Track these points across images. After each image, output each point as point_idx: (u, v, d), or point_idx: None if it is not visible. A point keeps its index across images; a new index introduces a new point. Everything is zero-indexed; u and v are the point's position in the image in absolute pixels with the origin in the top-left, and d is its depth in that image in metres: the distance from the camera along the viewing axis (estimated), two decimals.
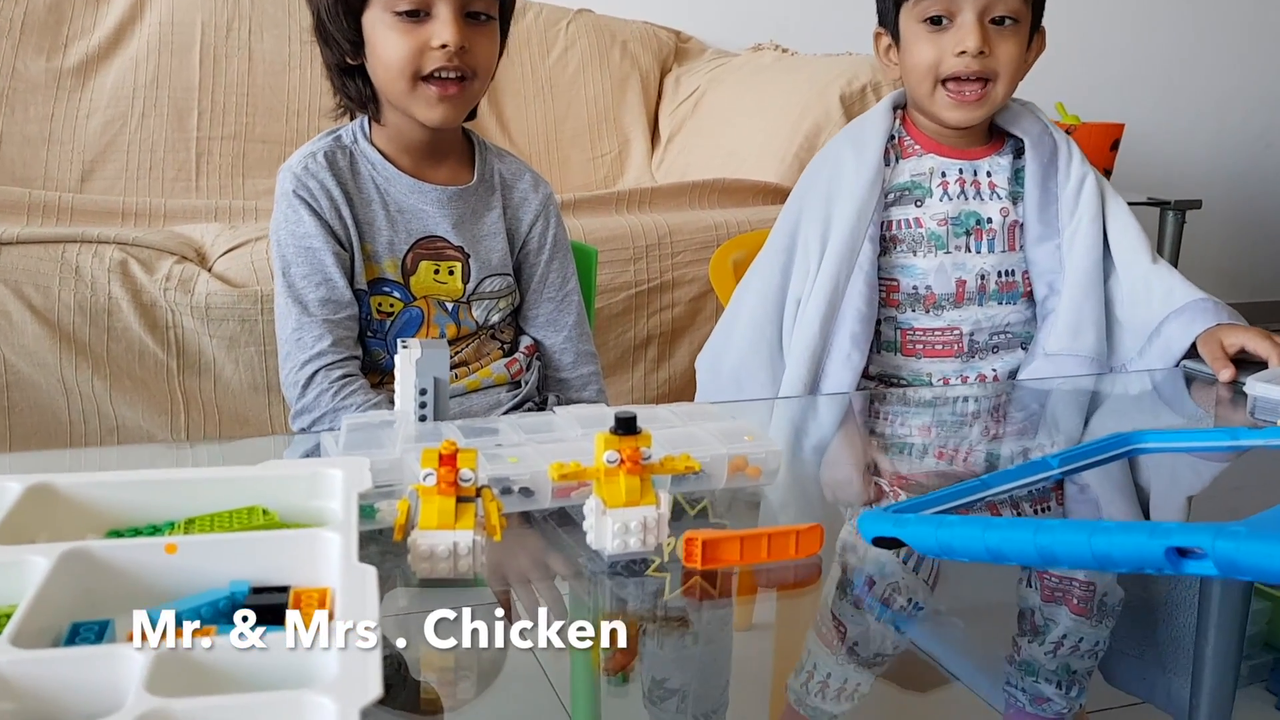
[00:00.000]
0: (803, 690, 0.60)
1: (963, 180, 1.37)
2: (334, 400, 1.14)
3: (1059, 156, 1.38)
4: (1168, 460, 0.96)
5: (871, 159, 1.36)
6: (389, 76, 1.15)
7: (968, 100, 1.31)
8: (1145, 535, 0.61)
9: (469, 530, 0.69)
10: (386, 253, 1.20)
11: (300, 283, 1.17)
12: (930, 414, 1.18)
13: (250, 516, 0.71)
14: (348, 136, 1.23)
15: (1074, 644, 0.67)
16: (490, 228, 1.26)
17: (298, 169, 1.18)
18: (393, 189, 1.21)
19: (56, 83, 2.25)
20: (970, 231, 1.36)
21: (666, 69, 2.83)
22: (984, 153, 1.39)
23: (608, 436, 0.74)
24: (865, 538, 0.76)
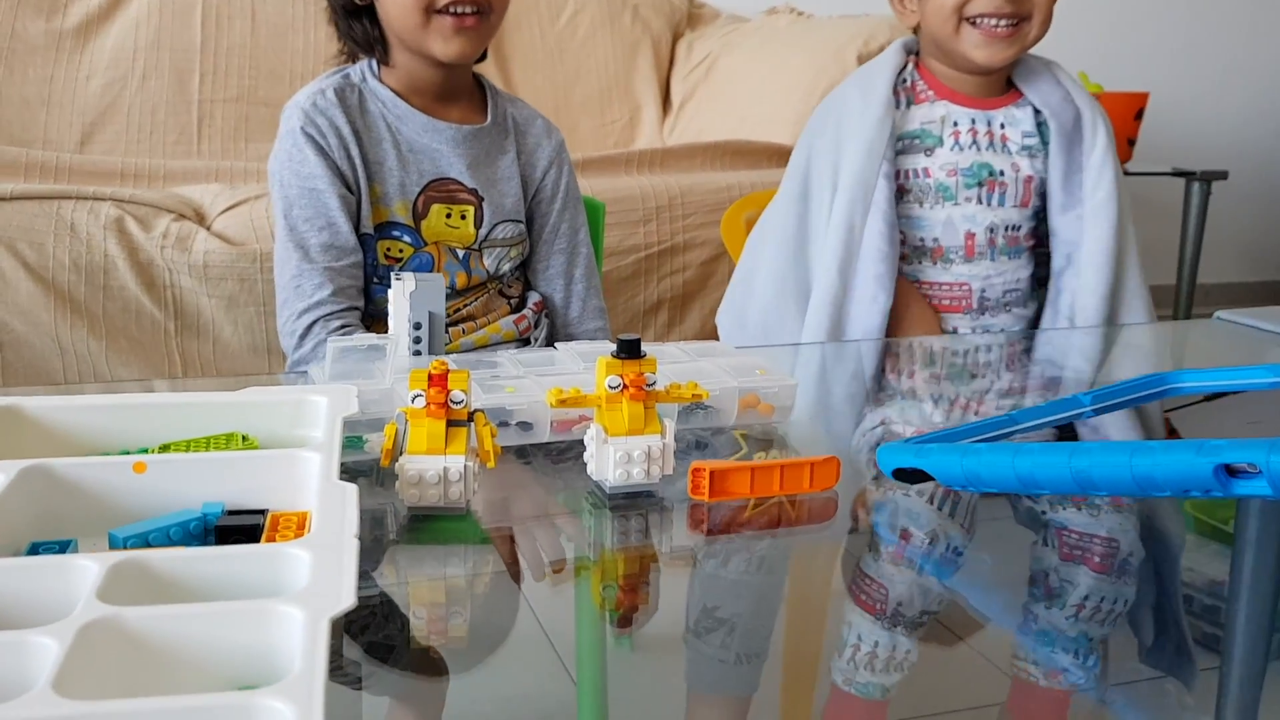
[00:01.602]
0: (850, 667, 0.54)
1: (975, 130, 1.32)
2: (327, 346, 1.09)
3: (1083, 123, 1.31)
4: (1205, 408, 0.91)
5: (879, 96, 1.32)
6: (401, 12, 1.10)
7: (999, 36, 1.25)
8: (1192, 453, 0.56)
9: (460, 456, 0.64)
10: (397, 194, 1.15)
11: (302, 226, 1.12)
12: (957, 361, 1.13)
13: (229, 443, 0.67)
14: (356, 75, 1.19)
15: (1095, 605, 0.62)
16: (505, 171, 1.22)
17: (305, 105, 1.14)
18: (405, 127, 1.17)
19: (56, 44, 2.21)
20: (982, 183, 1.31)
21: (679, 35, 2.77)
22: (1000, 103, 1.34)
23: (610, 361, 0.69)
24: (885, 471, 0.71)
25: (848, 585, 0.63)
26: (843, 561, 0.67)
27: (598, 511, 0.68)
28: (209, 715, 0.37)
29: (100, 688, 0.41)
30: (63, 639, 0.41)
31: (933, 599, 0.62)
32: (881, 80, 1.34)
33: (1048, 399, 0.98)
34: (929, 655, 0.56)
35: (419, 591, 0.60)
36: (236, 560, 0.49)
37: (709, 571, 0.62)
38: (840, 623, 0.58)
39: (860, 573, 0.64)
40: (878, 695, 0.53)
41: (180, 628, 0.43)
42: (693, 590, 0.61)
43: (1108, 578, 0.65)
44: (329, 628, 0.42)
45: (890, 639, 0.57)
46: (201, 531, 0.57)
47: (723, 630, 0.56)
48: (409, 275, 0.88)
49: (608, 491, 0.69)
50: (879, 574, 0.64)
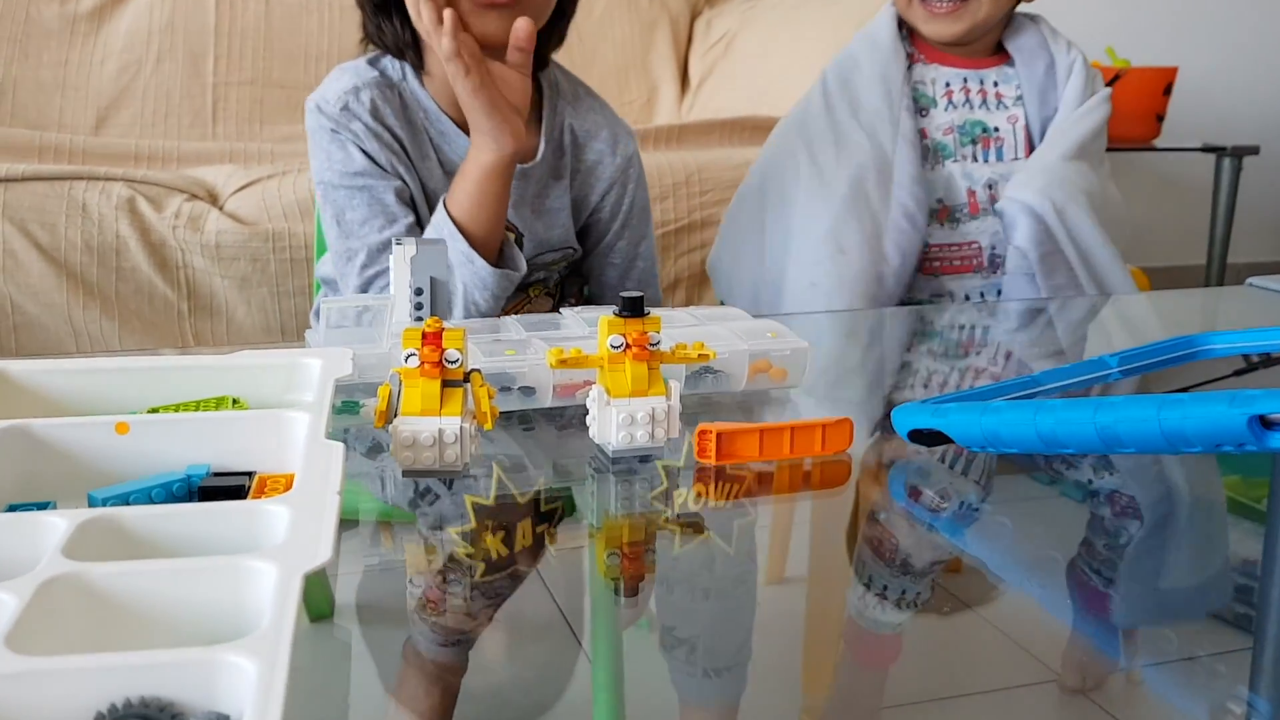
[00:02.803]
0: (861, 603, 0.54)
1: (968, 89, 1.33)
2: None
3: (1057, 69, 1.30)
4: (1238, 362, 0.87)
5: (886, 40, 1.31)
6: None
7: (939, 13, 1.27)
8: (1224, 404, 0.53)
9: (456, 417, 0.62)
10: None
11: (359, 229, 1.02)
12: (973, 327, 1.10)
13: (219, 406, 0.65)
14: (395, 73, 1.07)
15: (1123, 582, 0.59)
16: (554, 203, 1.12)
17: (336, 107, 1.03)
18: (448, 148, 1.06)
19: (70, 28, 2.20)
20: (976, 140, 1.31)
21: (697, 12, 2.73)
22: (990, 63, 1.34)
23: (612, 320, 0.67)
24: (901, 432, 0.68)
25: (861, 539, 0.60)
26: (859, 522, 0.64)
27: (600, 476, 0.66)
28: (168, 671, 0.35)
29: (61, 644, 0.39)
30: (21, 595, 0.39)
31: (947, 557, 0.59)
32: (885, 28, 1.33)
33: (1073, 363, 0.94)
34: (940, 600, 0.53)
35: (413, 557, 0.58)
36: (212, 517, 0.47)
37: (717, 537, 0.60)
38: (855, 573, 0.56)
39: (872, 526, 0.61)
40: (889, 630, 0.52)
41: (148, 584, 0.41)
42: (700, 557, 0.58)
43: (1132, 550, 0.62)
44: (301, 583, 0.40)
45: (900, 584, 0.55)
46: (185, 493, 0.55)
47: (733, 601, 0.54)
48: (410, 240, 0.85)
49: (610, 455, 0.66)
50: (891, 529, 0.61)
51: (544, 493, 0.64)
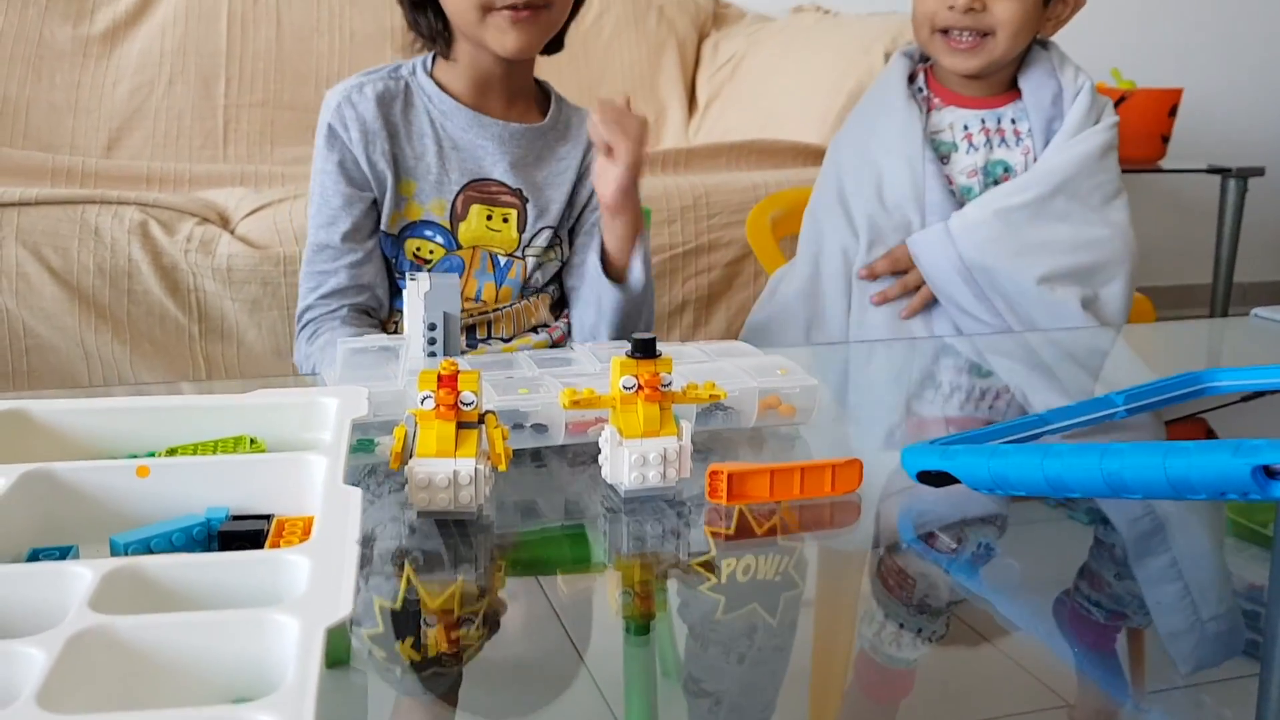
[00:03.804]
0: (876, 639, 0.55)
1: (986, 130, 1.34)
2: (307, 345, 1.10)
3: (1064, 96, 1.32)
4: (1243, 408, 0.88)
5: (900, 105, 1.33)
6: (459, 8, 1.08)
7: (960, 48, 1.28)
8: (1229, 454, 0.54)
9: (470, 459, 0.63)
10: (433, 192, 1.14)
11: (310, 221, 1.14)
12: (986, 361, 1.11)
13: (236, 446, 0.66)
14: (406, 69, 1.18)
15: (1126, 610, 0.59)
16: (554, 176, 1.19)
17: (340, 96, 1.13)
18: (449, 123, 1.15)
19: (83, 50, 2.22)
20: (998, 180, 1.32)
21: (704, 34, 2.75)
22: (1004, 100, 1.35)
23: (624, 361, 0.67)
24: (910, 473, 0.69)
25: (874, 577, 0.61)
26: (867, 563, 0.65)
27: (613, 516, 0.67)
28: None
29: (88, 700, 0.39)
30: (50, 649, 0.40)
31: (957, 597, 0.59)
32: (896, 94, 1.35)
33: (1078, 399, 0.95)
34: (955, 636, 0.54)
35: (430, 599, 0.58)
36: (234, 567, 0.48)
37: (728, 578, 0.60)
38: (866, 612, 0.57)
39: (886, 566, 0.62)
40: (903, 665, 0.53)
41: (173, 637, 0.42)
42: (712, 598, 0.59)
43: (1139, 582, 0.63)
44: (324, 638, 0.41)
45: (912, 621, 0.56)
46: (205, 537, 0.56)
47: (743, 642, 0.55)
48: (423, 275, 0.86)
49: (623, 495, 0.67)
50: (905, 569, 0.62)
51: (557, 534, 0.65)
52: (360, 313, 1.12)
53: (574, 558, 0.63)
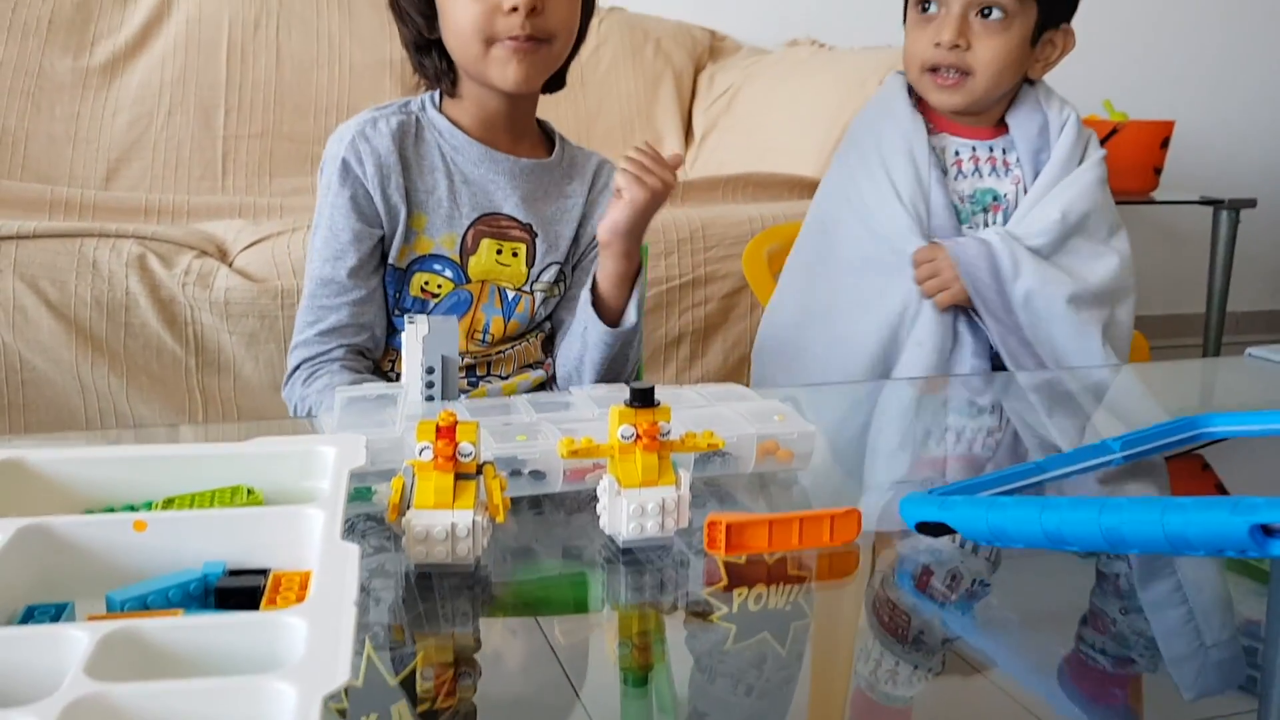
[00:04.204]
0: (872, 677, 0.56)
1: (976, 158, 1.37)
2: (302, 388, 1.09)
3: (1050, 128, 1.34)
4: (1239, 445, 0.88)
5: (903, 110, 1.36)
6: (461, 43, 1.09)
7: (945, 85, 1.31)
8: (1226, 511, 0.54)
9: (468, 510, 0.63)
10: (444, 226, 1.14)
11: (314, 254, 1.13)
12: (984, 402, 1.11)
13: (234, 497, 0.66)
14: (416, 105, 1.18)
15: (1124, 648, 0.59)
16: (562, 213, 1.20)
17: (355, 130, 1.13)
18: (460, 158, 1.15)
19: (83, 81, 2.23)
20: (987, 208, 1.34)
21: (700, 67, 2.77)
22: (995, 134, 1.37)
23: (622, 410, 0.68)
24: (908, 524, 0.69)
25: (872, 628, 0.61)
26: (866, 614, 0.64)
27: (611, 567, 0.67)
28: None
29: None
30: (46, 718, 0.40)
31: (956, 646, 0.59)
32: (900, 102, 1.37)
33: (1076, 441, 0.95)
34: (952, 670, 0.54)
35: (427, 652, 0.58)
36: (231, 629, 0.47)
37: (726, 628, 0.60)
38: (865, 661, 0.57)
39: (885, 616, 0.62)
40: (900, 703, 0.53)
41: (171, 705, 0.42)
42: (710, 649, 0.59)
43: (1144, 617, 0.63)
44: (321, 706, 0.41)
45: (914, 673, 0.56)
46: (202, 592, 0.56)
47: (743, 690, 0.54)
48: (421, 318, 0.86)
49: (621, 546, 0.67)
50: (903, 619, 0.61)
51: (556, 586, 0.65)
52: (356, 354, 1.12)
53: (573, 610, 0.63)
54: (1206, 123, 3.40)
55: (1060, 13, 1.31)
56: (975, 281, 1.27)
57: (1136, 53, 3.32)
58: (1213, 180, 3.20)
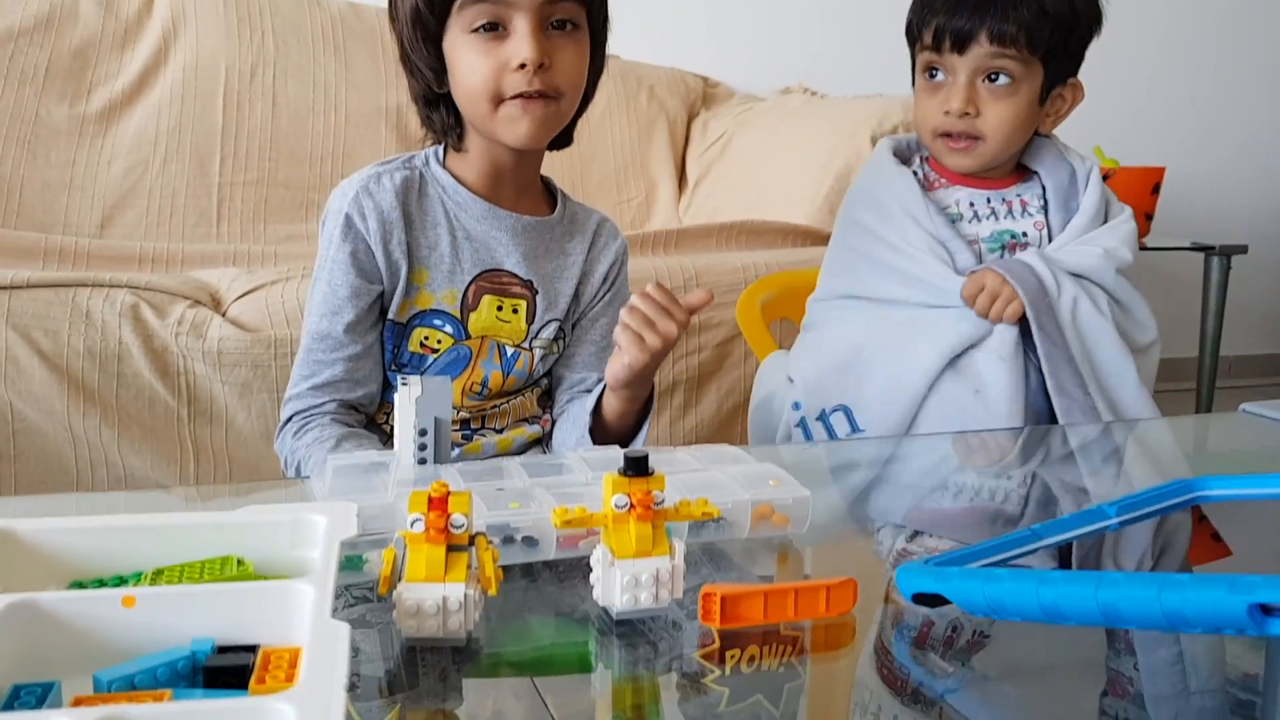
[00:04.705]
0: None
1: (992, 205, 1.37)
2: (293, 440, 1.09)
3: (1077, 177, 1.36)
4: (1236, 509, 0.88)
5: (890, 167, 1.37)
6: (470, 100, 1.09)
7: (958, 148, 1.33)
8: (1224, 590, 0.54)
9: (460, 584, 0.62)
10: (446, 282, 1.14)
11: (312, 307, 1.13)
12: (978, 458, 1.10)
13: (224, 568, 0.65)
14: (420, 160, 1.18)
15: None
16: (563, 270, 1.20)
17: (359, 185, 1.13)
18: (463, 214, 1.15)
19: (79, 129, 2.24)
20: (1005, 246, 1.35)
21: (694, 113, 2.79)
22: (1012, 181, 1.38)
23: (616, 479, 0.67)
24: (904, 595, 0.68)
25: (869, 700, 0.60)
26: (862, 686, 0.64)
27: (604, 640, 0.66)
28: None
29: None
30: None
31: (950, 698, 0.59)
32: (886, 162, 1.39)
33: (1071, 498, 0.95)
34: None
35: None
36: (219, 716, 0.47)
37: (721, 702, 0.60)
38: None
39: (881, 688, 0.61)
40: None
41: None
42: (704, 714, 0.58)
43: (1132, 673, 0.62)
44: None
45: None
46: (190, 671, 0.55)
47: None
48: (415, 379, 0.86)
49: (615, 617, 0.66)
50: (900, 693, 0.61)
51: (549, 659, 0.64)
52: (349, 408, 1.12)
53: (566, 684, 0.63)
54: (1197, 169, 3.43)
55: (1067, 69, 1.32)
56: (1028, 293, 1.26)
57: (1127, 99, 3.36)
58: (1204, 226, 3.23)
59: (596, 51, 1.15)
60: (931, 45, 1.29)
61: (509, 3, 1.05)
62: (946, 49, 1.28)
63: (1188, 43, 3.54)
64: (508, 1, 1.05)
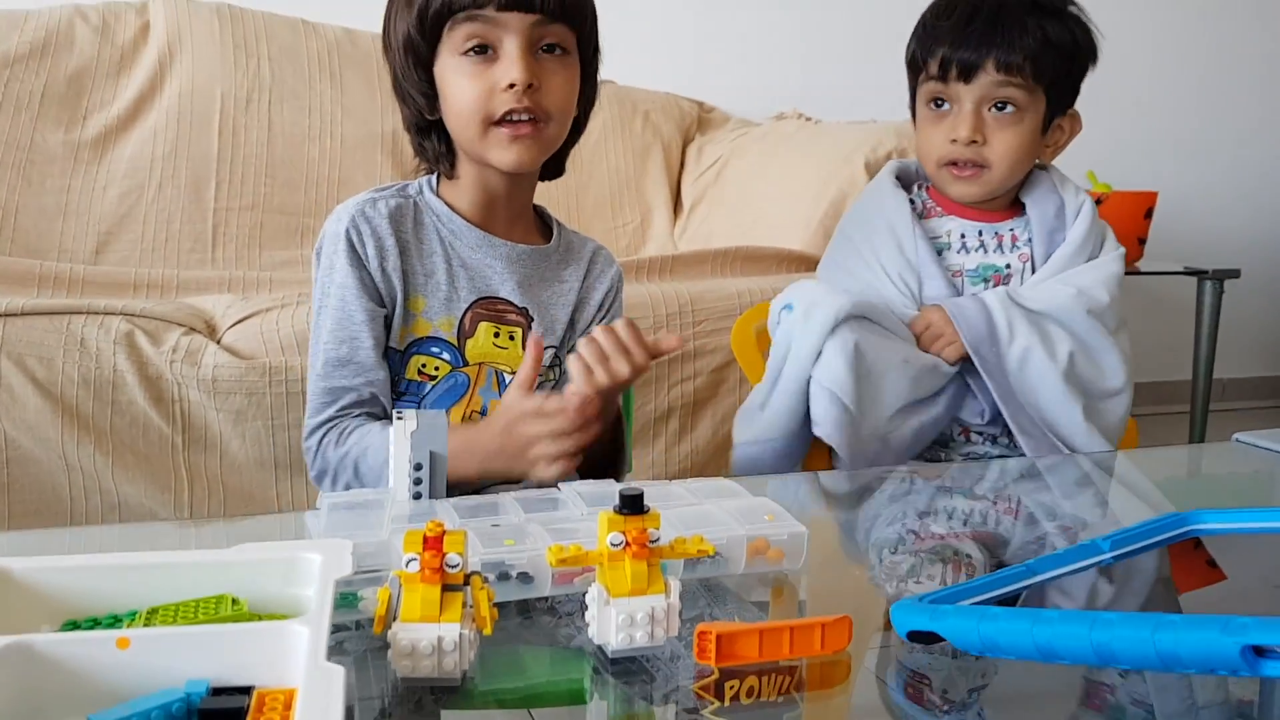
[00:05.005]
0: None
1: (982, 239, 1.39)
2: (336, 450, 1.08)
3: (1066, 210, 1.36)
4: (1228, 546, 0.88)
5: (888, 190, 1.40)
6: (461, 124, 1.10)
7: (963, 176, 1.34)
8: (1217, 631, 0.54)
9: (455, 623, 0.62)
10: (442, 310, 1.14)
11: (325, 336, 1.12)
12: (971, 491, 1.11)
13: (218, 606, 0.65)
14: (414, 189, 1.19)
15: None
16: (559, 298, 1.21)
17: (354, 210, 1.13)
18: (458, 243, 1.16)
19: (74, 155, 2.24)
20: (988, 279, 1.36)
21: (689, 139, 2.80)
22: (1006, 216, 1.39)
23: (611, 516, 0.67)
24: (899, 632, 0.68)
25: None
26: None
27: (599, 678, 0.66)
28: None
29: None
30: None
31: None
32: (886, 186, 1.40)
33: (1065, 531, 0.95)
34: None
35: None
36: None
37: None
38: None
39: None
40: None
41: None
42: None
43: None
44: None
45: None
46: (185, 713, 0.55)
47: None
48: (410, 413, 0.86)
49: (610, 656, 0.66)
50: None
51: (544, 698, 0.64)
52: (374, 418, 1.11)
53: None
54: (1189, 194, 3.45)
55: (1067, 100, 1.35)
56: (973, 338, 1.28)
57: (1119, 124, 3.38)
58: (1197, 250, 3.24)
59: (587, 81, 1.16)
60: (938, 75, 1.30)
61: (499, 25, 1.06)
62: (953, 78, 1.29)
63: (1179, 68, 3.56)
64: (498, 23, 1.06)
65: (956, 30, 1.29)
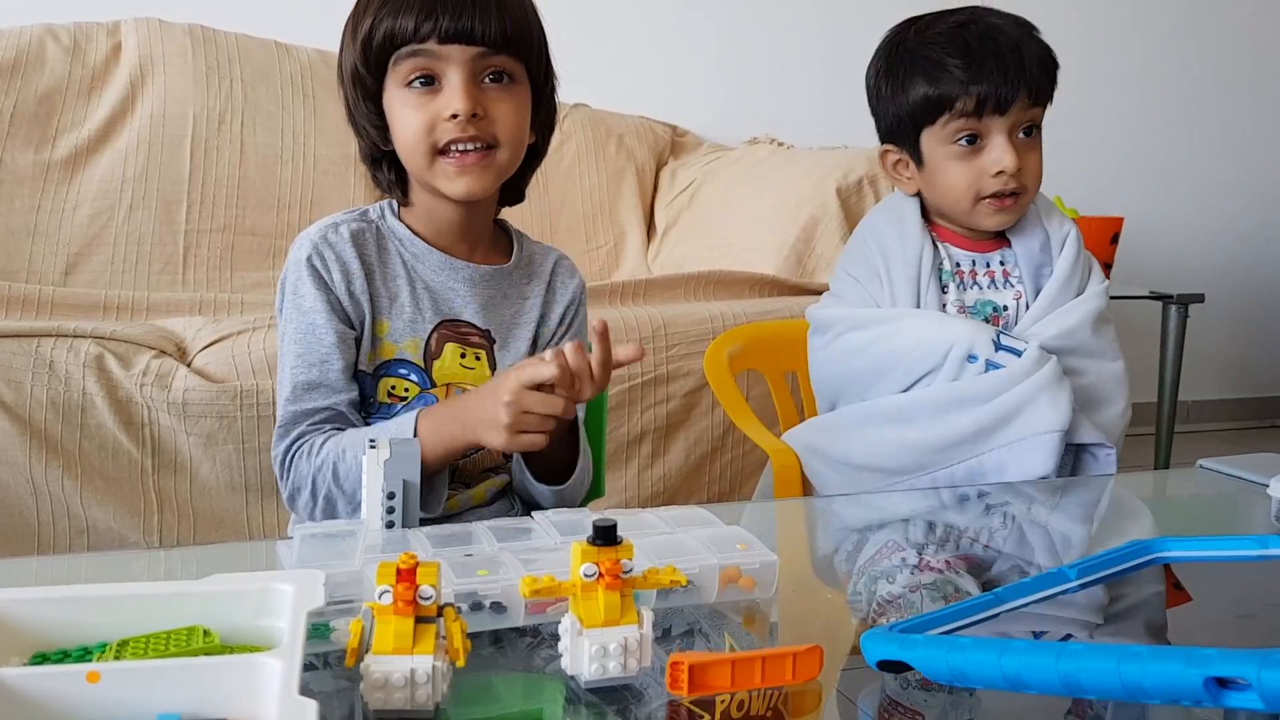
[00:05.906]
0: None
1: (975, 271, 1.39)
2: (310, 461, 1.07)
3: (1051, 243, 1.37)
4: (1193, 570, 0.89)
5: (914, 227, 1.39)
6: (408, 154, 1.11)
7: (1006, 207, 1.33)
8: (1181, 663, 0.55)
9: (428, 655, 0.62)
10: (408, 332, 1.14)
11: (293, 361, 1.11)
12: (942, 516, 1.12)
13: (190, 638, 0.65)
14: (375, 213, 1.19)
15: None
16: (521, 315, 1.21)
17: (316, 237, 1.14)
18: (421, 265, 1.17)
19: (44, 175, 2.23)
20: (988, 319, 1.36)
21: (662, 162, 2.82)
22: (995, 246, 1.39)
23: (585, 547, 0.68)
24: (869, 662, 0.69)
25: None
26: None
27: (573, 709, 0.66)
28: None
29: None
30: None
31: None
32: (910, 214, 1.39)
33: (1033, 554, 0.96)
34: None
35: None
36: None
37: None
38: None
39: None
40: None
41: None
42: None
43: None
44: None
45: None
46: None
47: None
48: (384, 442, 0.86)
49: (583, 686, 0.67)
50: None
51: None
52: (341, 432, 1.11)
53: None
54: (1155, 219, 3.51)
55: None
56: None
57: (1086, 150, 3.43)
58: (1162, 275, 3.29)
59: (542, 105, 1.17)
60: (973, 112, 1.29)
61: (442, 57, 1.07)
62: (989, 112, 1.28)
63: (1147, 94, 3.62)
64: (440, 56, 1.07)
65: (984, 65, 1.27)
